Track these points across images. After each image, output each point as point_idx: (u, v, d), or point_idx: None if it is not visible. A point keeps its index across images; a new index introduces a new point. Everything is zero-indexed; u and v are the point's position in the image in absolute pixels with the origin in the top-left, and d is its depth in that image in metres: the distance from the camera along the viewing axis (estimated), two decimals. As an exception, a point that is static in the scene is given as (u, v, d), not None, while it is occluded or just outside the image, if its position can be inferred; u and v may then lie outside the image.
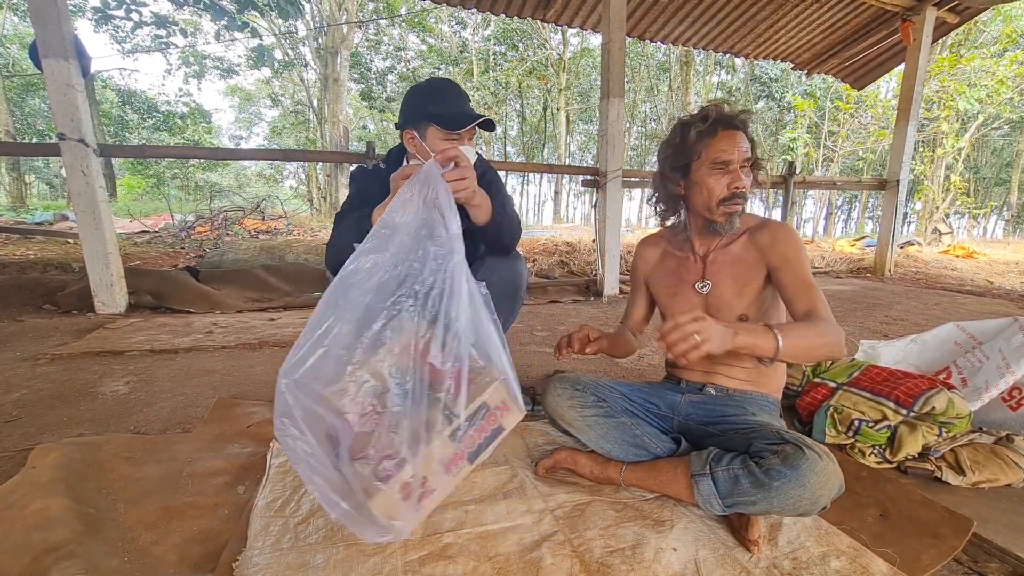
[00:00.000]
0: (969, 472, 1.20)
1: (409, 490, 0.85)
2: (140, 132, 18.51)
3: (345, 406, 0.85)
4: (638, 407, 1.23)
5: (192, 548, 0.95)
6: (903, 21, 4.73)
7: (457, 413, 0.85)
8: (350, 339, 0.85)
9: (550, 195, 28.80)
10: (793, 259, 1.11)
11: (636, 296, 1.41)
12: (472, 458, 0.93)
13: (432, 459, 0.86)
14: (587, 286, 4.16)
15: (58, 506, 1.00)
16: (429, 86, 1.36)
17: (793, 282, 1.10)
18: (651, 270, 1.33)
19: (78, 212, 2.79)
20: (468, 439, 0.91)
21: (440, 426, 0.85)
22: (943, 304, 3.76)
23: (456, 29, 20.98)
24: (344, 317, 0.85)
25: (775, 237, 1.14)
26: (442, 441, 0.86)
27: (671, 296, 1.26)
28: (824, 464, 0.88)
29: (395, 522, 0.84)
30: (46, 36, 2.59)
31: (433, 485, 0.88)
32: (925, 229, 11.07)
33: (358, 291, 0.88)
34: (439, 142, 1.32)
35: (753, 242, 1.17)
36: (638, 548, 0.95)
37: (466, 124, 1.30)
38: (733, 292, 1.17)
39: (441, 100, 1.33)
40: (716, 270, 1.20)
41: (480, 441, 0.93)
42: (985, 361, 1.49)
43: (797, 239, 1.13)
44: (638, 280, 1.38)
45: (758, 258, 1.15)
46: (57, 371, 1.94)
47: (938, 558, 0.94)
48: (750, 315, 1.17)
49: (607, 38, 3.71)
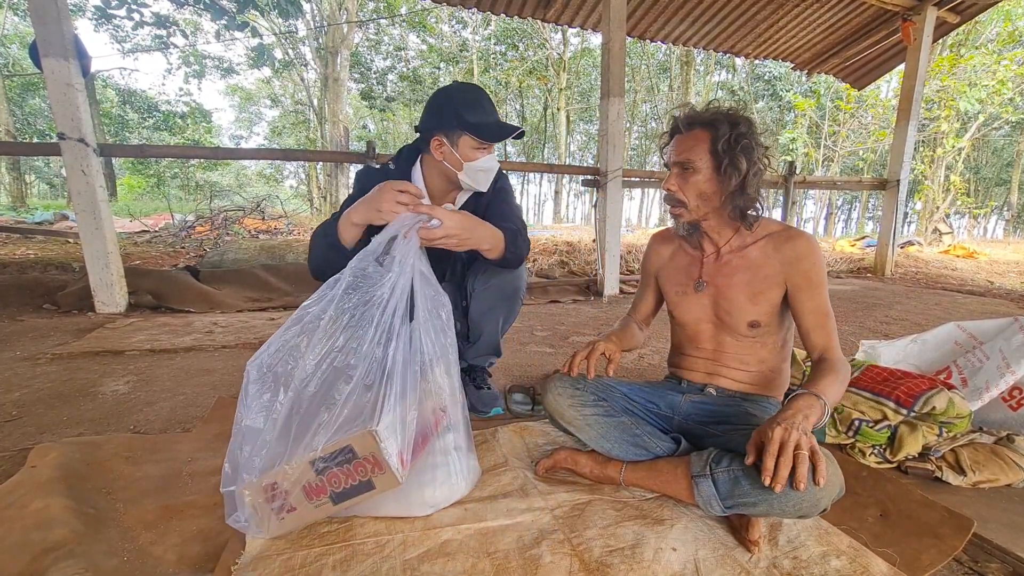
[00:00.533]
0: (969, 472, 1.20)
1: (273, 495, 0.92)
2: (140, 132, 18.51)
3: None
4: (638, 406, 1.23)
5: (191, 548, 0.95)
6: (903, 21, 4.73)
7: (315, 445, 0.89)
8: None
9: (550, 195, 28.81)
10: (816, 281, 1.08)
11: (645, 290, 1.38)
12: (336, 500, 0.94)
13: (291, 477, 0.90)
14: (587, 286, 4.16)
15: (57, 506, 1.00)
16: (464, 93, 1.32)
17: (814, 311, 1.09)
18: (662, 266, 1.31)
19: (78, 212, 2.79)
20: (331, 476, 0.92)
21: (302, 449, 0.90)
22: (943, 304, 3.76)
23: (456, 29, 20.98)
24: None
25: (799, 253, 1.09)
26: (302, 465, 0.90)
27: (679, 295, 1.25)
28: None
29: (258, 519, 0.93)
30: (46, 35, 2.60)
31: (294, 504, 0.93)
32: (925, 229, 11.07)
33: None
34: (470, 151, 1.31)
35: (776, 251, 1.11)
36: (638, 547, 0.95)
37: (508, 135, 1.31)
38: (745, 297, 1.13)
39: (479, 109, 1.31)
40: (728, 271, 1.16)
41: (345, 486, 0.93)
42: (985, 361, 1.49)
43: (821, 257, 1.09)
44: (648, 274, 1.36)
45: (778, 270, 1.11)
46: (57, 371, 1.94)
47: (938, 558, 0.94)
48: (763, 323, 1.14)
49: (607, 38, 3.71)
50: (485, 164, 1.34)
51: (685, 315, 1.24)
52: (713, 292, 1.18)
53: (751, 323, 1.14)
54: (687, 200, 1.11)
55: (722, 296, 1.17)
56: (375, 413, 0.91)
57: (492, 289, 1.48)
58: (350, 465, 0.91)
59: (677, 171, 1.11)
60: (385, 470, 0.91)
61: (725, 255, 1.18)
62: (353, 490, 0.93)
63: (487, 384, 1.68)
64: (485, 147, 1.32)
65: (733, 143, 1.05)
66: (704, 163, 1.08)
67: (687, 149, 1.08)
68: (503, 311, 1.53)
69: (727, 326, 1.17)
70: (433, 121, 1.31)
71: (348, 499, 0.94)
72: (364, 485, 0.93)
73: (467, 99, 1.30)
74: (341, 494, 0.93)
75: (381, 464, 0.91)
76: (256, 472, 0.91)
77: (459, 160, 1.31)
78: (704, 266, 1.21)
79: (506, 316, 1.55)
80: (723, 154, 1.05)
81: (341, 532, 0.97)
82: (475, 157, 1.32)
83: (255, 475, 0.91)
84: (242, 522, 0.93)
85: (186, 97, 18.08)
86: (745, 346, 1.18)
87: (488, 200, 1.46)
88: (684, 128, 1.10)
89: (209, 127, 20.50)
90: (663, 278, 1.31)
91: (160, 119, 18.13)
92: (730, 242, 1.17)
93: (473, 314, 1.53)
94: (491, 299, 1.49)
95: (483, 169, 1.35)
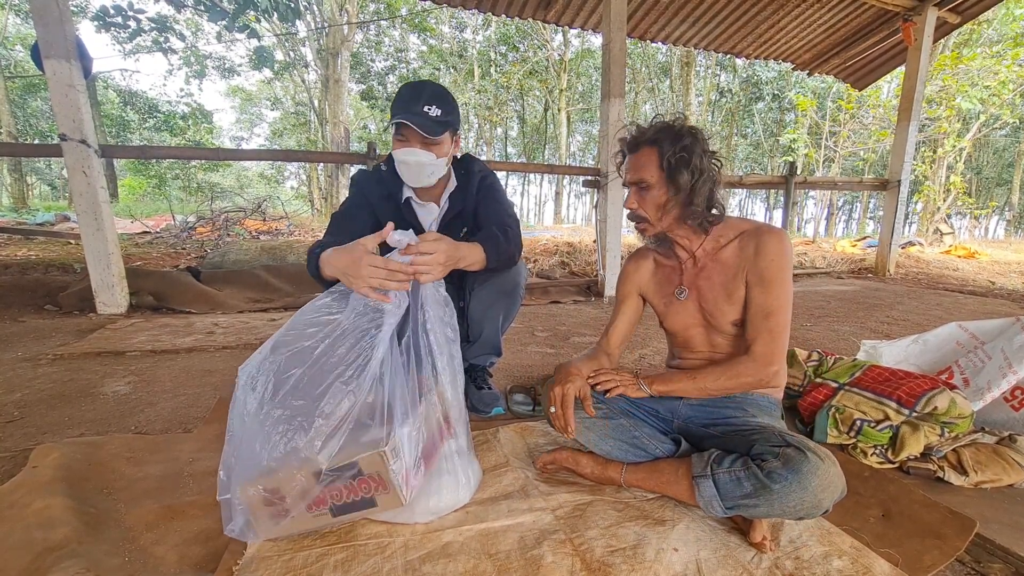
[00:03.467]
0: (971, 472, 1.20)
1: (271, 499, 0.90)
2: (141, 133, 18.53)
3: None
4: (638, 409, 1.23)
5: (193, 548, 0.95)
6: (904, 21, 4.73)
7: (320, 456, 0.87)
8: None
9: (551, 196, 28.81)
10: (767, 279, 1.08)
11: (618, 316, 1.33)
12: (335, 512, 0.93)
13: (292, 484, 0.89)
14: (588, 286, 4.16)
15: (59, 506, 1.00)
16: (407, 86, 1.33)
17: (757, 307, 1.10)
18: (644, 282, 1.31)
19: (79, 213, 2.80)
20: (334, 489, 0.91)
21: (304, 457, 0.88)
22: (945, 304, 3.75)
23: (456, 30, 21.00)
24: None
25: (759, 250, 1.10)
26: (306, 473, 0.88)
27: (665, 305, 1.25)
28: (826, 468, 0.88)
29: (253, 521, 0.91)
30: (48, 37, 2.60)
31: (291, 510, 0.91)
32: (926, 229, 11.06)
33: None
34: (393, 140, 1.32)
35: (743, 249, 1.14)
36: (639, 548, 0.95)
37: (391, 123, 1.29)
38: (723, 298, 1.15)
39: (396, 98, 1.31)
40: (705, 275, 1.18)
41: (347, 499, 0.92)
42: (987, 361, 1.49)
43: (782, 256, 1.09)
44: (625, 295, 1.33)
45: (740, 266, 1.13)
46: (58, 371, 1.94)
47: (941, 559, 0.94)
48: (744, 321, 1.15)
49: (608, 38, 3.71)
50: (401, 155, 1.32)
51: (674, 324, 1.25)
52: (695, 296, 1.20)
53: (733, 322, 1.16)
54: (648, 215, 1.15)
55: (703, 299, 1.18)
56: (383, 430, 0.90)
57: (491, 286, 1.48)
58: (354, 481, 0.90)
59: (634, 189, 1.15)
60: (390, 490, 0.91)
61: (701, 259, 1.20)
62: (354, 505, 0.92)
63: (488, 384, 1.68)
64: (401, 138, 1.30)
65: (677, 156, 1.08)
66: (655, 179, 1.11)
67: (639, 168, 1.12)
68: (503, 308, 1.53)
69: (715, 328, 1.19)
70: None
71: (347, 513, 0.93)
72: (366, 502, 0.92)
73: (401, 91, 1.32)
74: (341, 507, 0.92)
75: (386, 484, 0.90)
76: (253, 476, 0.90)
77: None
78: (684, 273, 1.22)
79: (506, 313, 1.55)
80: (670, 168, 1.09)
81: (342, 533, 0.97)
82: (396, 147, 1.32)
83: (252, 478, 0.90)
84: (238, 530, 0.92)
85: (187, 98, 18.10)
86: (737, 345, 1.18)
87: (476, 199, 1.46)
88: (630, 150, 1.15)
89: (210, 128, 20.50)
90: (648, 293, 1.31)
91: (161, 120, 18.14)
92: (703, 246, 1.19)
93: (473, 312, 1.53)
94: (490, 296, 1.49)
95: (402, 161, 1.33)
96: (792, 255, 1.12)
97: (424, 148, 1.31)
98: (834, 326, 2.90)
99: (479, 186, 1.47)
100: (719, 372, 1.11)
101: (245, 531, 0.92)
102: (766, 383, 1.11)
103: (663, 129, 1.10)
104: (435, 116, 1.30)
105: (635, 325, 1.35)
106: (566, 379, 1.15)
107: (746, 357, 1.10)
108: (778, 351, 1.09)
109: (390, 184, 1.44)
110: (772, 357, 1.08)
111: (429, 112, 1.29)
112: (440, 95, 1.32)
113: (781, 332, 1.09)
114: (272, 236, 6.98)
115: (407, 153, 1.31)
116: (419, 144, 1.31)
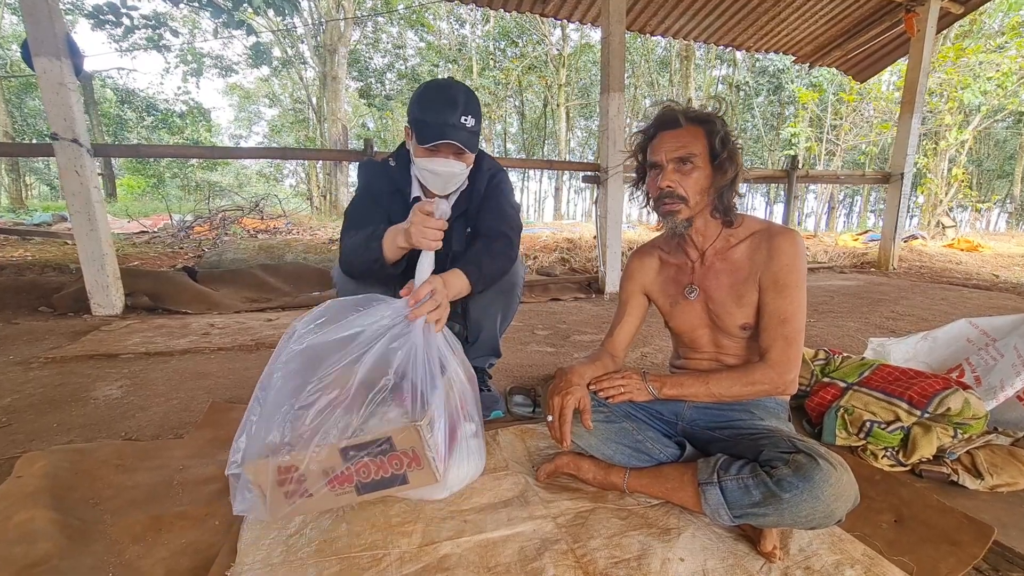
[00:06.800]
0: (987, 475, 1.16)
1: (286, 477, 0.87)
2: (139, 131, 18.45)
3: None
4: (641, 411, 1.19)
5: (180, 561, 0.91)
6: (907, 12, 4.67)
7: (352, 432, 0.86)
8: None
9: (551, 191, 28.70)
10: (782, 284, 1.04)
11: (623, 315, 1.27)
12: (361, 490, 0.90)
13: (314, 461, 0.87)
14: (588, 283, 4.12)
15: (43, 518, 0.96)
16: (425, 86, 1.29)
17: (772, 313, 1.05)
18: (651, 280, 1.25)
19: (72, 213, 2.76)
20: (362, 465, 0.88)
21: (334, 435, 0.87)
22: (950, 299, 3.71)
23: (455, 26, 20.87)
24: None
25: (772, 253, 1.06)
26: (330, 450, 0.86)
27: (672, 304, 1.20)
28: (839, 476, 0.84)
29: (263, 500, 0.88)
30: (38, 34, 2.55)
31: (310, 489, 0.88)
32: (929, 223, 11.00)
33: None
34: (416, 147, 1.27)
35: (755, 251, 1.09)
36: (644, 558, 0.91)
37: (430, 140, 1.22)
38: (732, 300, 1.11)
39: (425, 104, 1.25)
40: (713, 275, 1.13)
41: (376, 476, 0.89)
42: (999, 358, 1.45)
43: (796, 259, 1.05)
44: (630, 294, 1.27)
45: (753, 270, 1.08)
46: (49, 375, 1.91)
47: (957, 567, 0.90)
48: (752, 324, 1.11)
49: (607, 32, 3.65)
50: (434, 166, 1.27)
51: (681, 324, 1.20)
52: (703, 297, 1.15)
53: (742, 326, 1.11)
54: (688, 196, 1.06)
55: (711, 300, 1.14)
56: (415, 408, 0.89)
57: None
58: (384, 457, 0.88)
59: (674, 166, 1.06)
60: (424, 466, 0.89)
61: (710, 258, 1.15)
62: (384, 482, 0.90)
63: (487, 386, 1.65)
64: (432, 148, 1.24)
65: (729, 144, 1.05)
66: (702, 158, 1.05)
67: (686, 143, 1.04)
68: (501, 307, 1.49)
69: (722, 329, 1.15)
70: (409, 108, 1.30)
71: (375, 491, 0.91)
72: (397, 478, 0.90)
73: (429, 95, 1.26)
74: (368, 484, 0.90)
75: (420, 459, 0.88)
76: (271, 451, 0.87)
77: (415, 155, 1.28)
78: (694, 272, 1.17)
79: (504, 312, 1.51)
80: (718, 153, 1.04)
81: (336, 545, 0.94)
82: (419, 155, 1.28)
83: (270, 453, 0.87)
84: (245, 505, 0.90)
85: (184, 96, 18.01)
86: (744, 347, 1.15)
87: (482, 197, 1.41)
88: (670, 125, 1.06)
89: (208, 126, 20.42)
90: (654, 292, 1.25)
91: (158, 118, 18.06)
92: (714, 244, 1.14)
93: (471, 313, 1.49)
94: (488, 295, 1.45)
95: (430, 170, 1.28)
96: (805, 257, 1.08)
97: (456, 158, 1.28)
98: (838, 322, 2.86)
99: (487, 185, 1.43)
100: (734, 378, 1.07)
101: (258, 510, 0.90)
102: (782, 390, 1.07)
103: (710, 113, 1.06)
104: (471, 127, 1.26)
105: (641, 325, 1.30)
106: (566, 389, 1.07)
107: (762, 364, 1.06)
108: (794, 357, 1.05)
109: (399, 180, 1.40)
110: (789, 364, 1.04)
111: (467, 124, 1.24)
112: (473, 101, 1.27)
113: (797, 338, 1.05)
114: (270, 235, 6.94)
115: (442, 164, 1.27)
116: (453, 155, 1.27)
